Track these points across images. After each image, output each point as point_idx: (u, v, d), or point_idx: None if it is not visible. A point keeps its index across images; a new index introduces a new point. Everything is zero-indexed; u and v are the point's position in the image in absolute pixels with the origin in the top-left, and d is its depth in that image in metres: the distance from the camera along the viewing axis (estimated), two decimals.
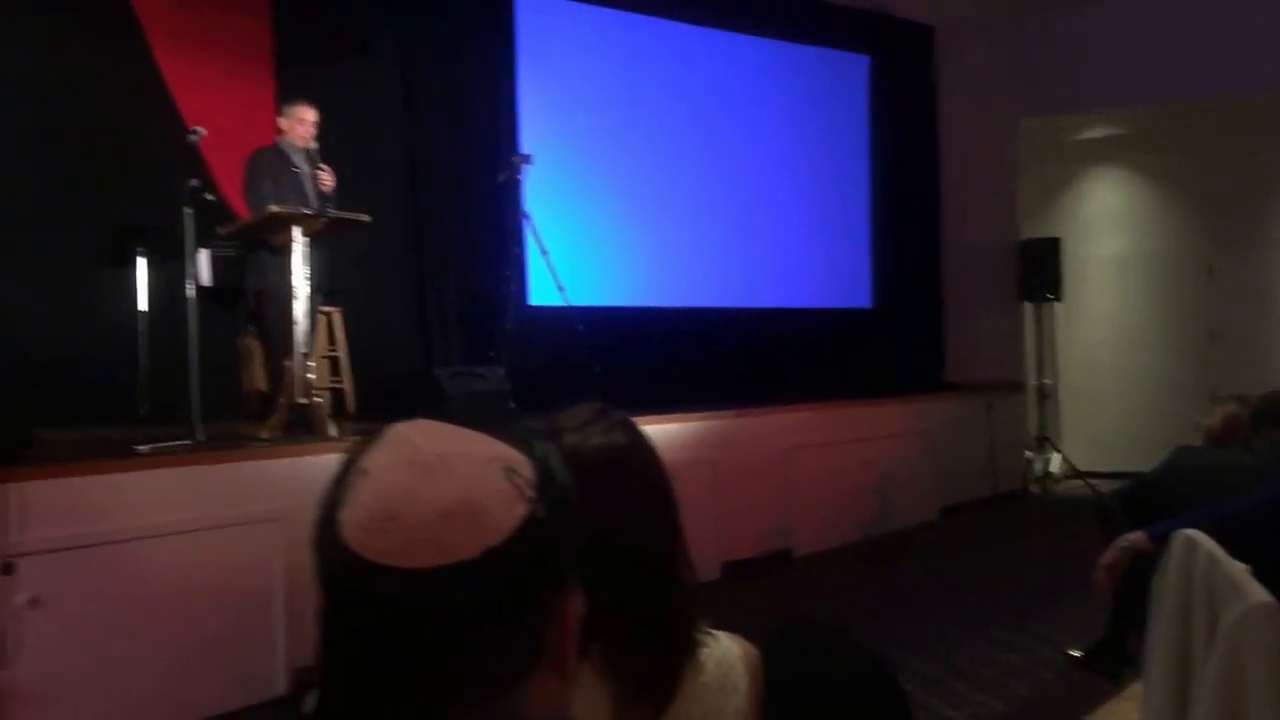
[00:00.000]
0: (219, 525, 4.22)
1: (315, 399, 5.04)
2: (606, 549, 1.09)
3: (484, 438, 0.82)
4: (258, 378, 6.19)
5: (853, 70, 8.95)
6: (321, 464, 4.58)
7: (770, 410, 6.92)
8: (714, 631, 1.44)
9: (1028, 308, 9.67)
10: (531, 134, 6.97)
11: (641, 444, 1.44)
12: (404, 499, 0.76)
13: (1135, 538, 3.03)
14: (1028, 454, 9.31)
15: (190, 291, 4.89)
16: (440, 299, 6.72)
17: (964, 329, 9.34)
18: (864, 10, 8.82)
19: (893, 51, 9.03)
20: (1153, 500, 3.61)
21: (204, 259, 5.92)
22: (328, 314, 6.16)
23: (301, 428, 5.02)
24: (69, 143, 6.24)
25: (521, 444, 0.83)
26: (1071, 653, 4.43)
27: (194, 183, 4.94)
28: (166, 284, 6.10)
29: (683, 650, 1.38)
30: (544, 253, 6.29)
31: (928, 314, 9.22)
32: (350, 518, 0.77)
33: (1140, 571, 2.99)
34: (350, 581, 0.76)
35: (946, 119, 9.33)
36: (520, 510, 0.78)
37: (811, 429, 7.07)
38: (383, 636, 0.76)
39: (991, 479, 8.73)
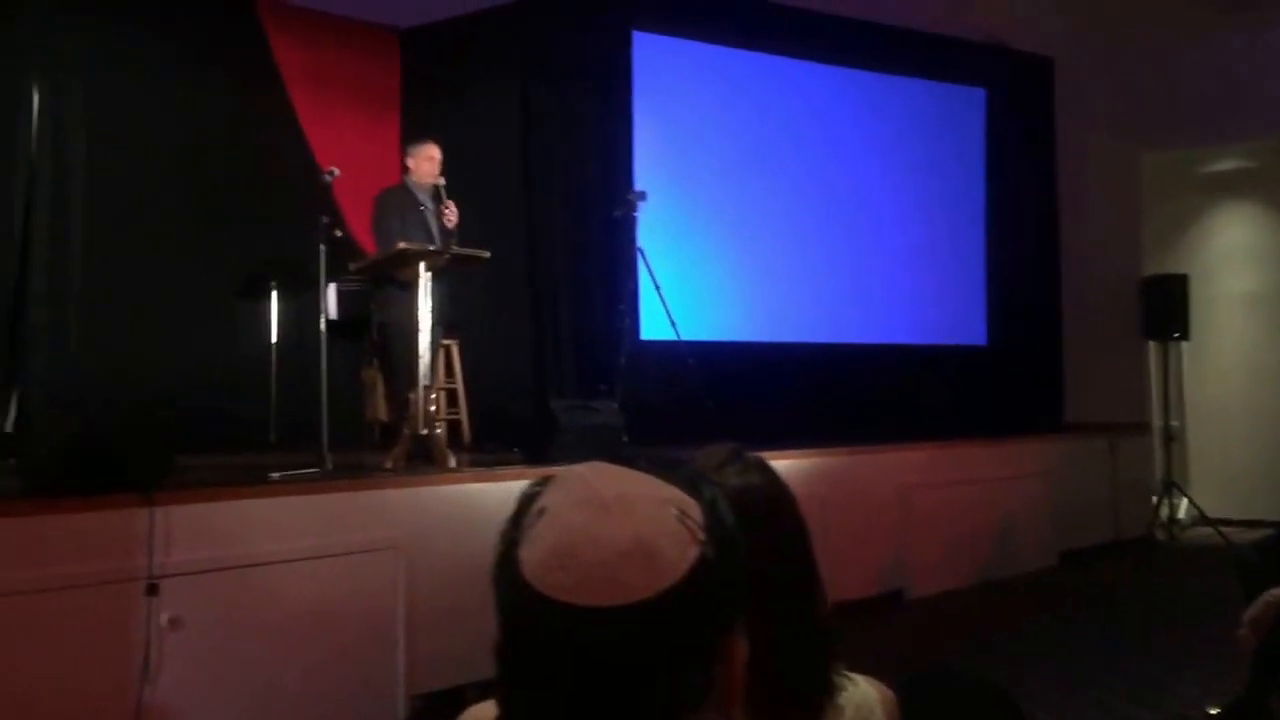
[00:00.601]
0: (345, 552, 4.32)
1: (436, 430, 5.15)
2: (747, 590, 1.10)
3: (654, 480, 0.84)
4: (379, 408, 6.38)
5: (968, 103, 8.84)
6: (441, 494, 4.69)
7: (883, 448, 6.83)
8: (851, 674, 1.44)
9: (1152, 346, 9.39)
10: (644, 170, 7.05)
11: (777, 485, 1.46)
12: (583, 538, 0.79)
13: None
14: (1153, 498, 9.00)
15: (322, 325, 5.06)
16: (554, 332, 6.80)
17: (1085, 367, 9.09)
18: (980, 43, 8.72)
19: (1010, 84, 8.89)
20: None
21: (331, 293, 6.12)
22: (446, 346, 6.32)
23: (422, 458, 5.13)
24: (212, 183, 6.58)
25: (689, 486, 0.86)
26: (1210, 710, 4.25)
27: (324, 219, 5.12)
28: (295, 317, 6.35)
29: (823, 692, 1.38)
30: (657, 287, 6.36)
31: (1047, 352, 9.00)
32: (530, 555, 0.80)
33: None
34: (529, 617, 0.79)
35: (1066, 152, 9.13)
36: (692, 552, 0.80)
37: (926, 468, 6.95)
38: (559, 672, 0.78)
39: (1114, 524, 8.45)
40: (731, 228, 7.48)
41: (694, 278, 7.10)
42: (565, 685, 0.78)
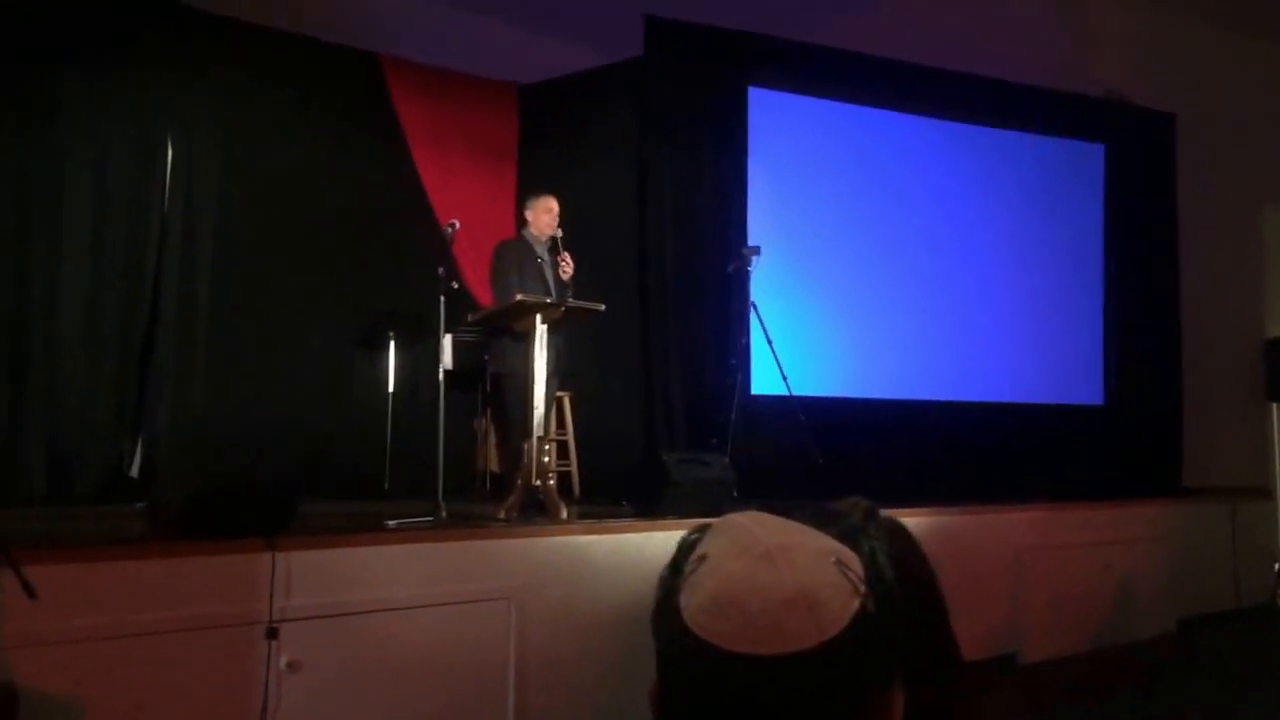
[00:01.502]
0: (458, 601, 4.35)
1: (549, 481, 5.19)
2: None
3: (813, 530, 0.84)
4: (490, 458, 6.46)
5: (1087, 159, 8.70)
6: (553, 546, 4.70)
7: (997, 508, 6.68)
8: None
9: (1275, 409, 9.04)
10: (757, 224, 7.06)
11: (912, 545, 1.44)
12: (746, 585, 0.78)
13: None
14: (1276, 566, 8.63)
15: (440, 375, 5.16)
16: (665, 385, 6.81)
17: (1205, 430, 8.78)
18: (1100, 99, 8.59)
19: (1130, 140, 8.71)
20: None
21: (446, 344, 6.25)
22: (559, 398, 6.37)
23: (534, 509, 5.17)
24: (334, 234, 6.79)
25: (848, 539, 0.85)
26: None
27: (440, 271, 5.23)
28: (412, 367, 6.49)
29: None
30: (769, 342, 6.35)
31: (1166, 413, 8.72)
32: (691, 602, 0.80)
33: None
34: (691, 664, 0.79)
35: (1187, 209, 8.90)
36: (853, 604, 0.79)
37: (1040, 530, 6.75)
38: (718, 719, 0.78)
39: (1235, 591, 8.11)
40: (845, 283, 7.42)
41: (805, 333, 7.06)
42: None
